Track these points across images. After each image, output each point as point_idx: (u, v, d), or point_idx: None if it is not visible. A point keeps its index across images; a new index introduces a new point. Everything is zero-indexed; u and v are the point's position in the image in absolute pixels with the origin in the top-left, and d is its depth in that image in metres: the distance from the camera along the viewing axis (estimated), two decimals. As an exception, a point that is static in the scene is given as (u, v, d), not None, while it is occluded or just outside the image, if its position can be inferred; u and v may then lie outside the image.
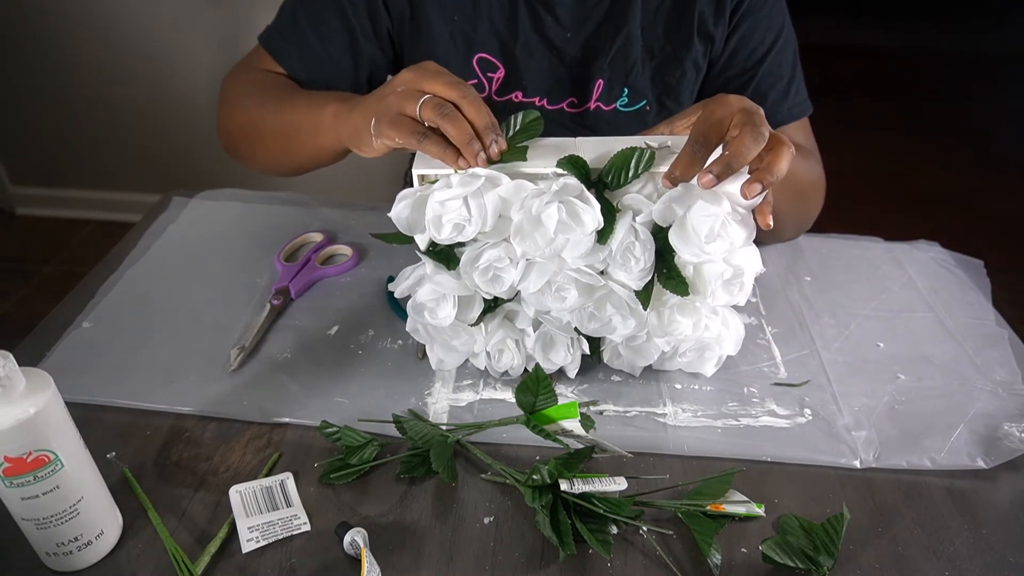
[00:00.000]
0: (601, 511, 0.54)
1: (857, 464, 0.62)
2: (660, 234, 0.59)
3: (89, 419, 0.62)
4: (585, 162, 0.58)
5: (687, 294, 0.60)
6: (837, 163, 1.05)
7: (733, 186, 0.58)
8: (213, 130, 0.90)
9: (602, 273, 0.61)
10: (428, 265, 0.61)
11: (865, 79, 3.41)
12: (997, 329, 0.78)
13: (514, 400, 0.60)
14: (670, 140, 0.61)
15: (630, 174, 0.58)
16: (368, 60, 0.85)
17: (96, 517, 0.52)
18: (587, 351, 0.67)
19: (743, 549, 0.56)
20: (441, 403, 0.67)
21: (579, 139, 0.62)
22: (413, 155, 0.62)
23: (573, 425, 0.59)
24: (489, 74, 0.85)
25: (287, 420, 0.65)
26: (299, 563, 0.54)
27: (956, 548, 0.56)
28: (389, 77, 0.61)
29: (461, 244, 0.60)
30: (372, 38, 0.84)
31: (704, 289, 0.61)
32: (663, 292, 0.62)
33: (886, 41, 3.75)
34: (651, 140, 0.61)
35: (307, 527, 0.56)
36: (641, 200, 0.59)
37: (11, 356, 0.46)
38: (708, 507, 0.56)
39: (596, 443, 0.60)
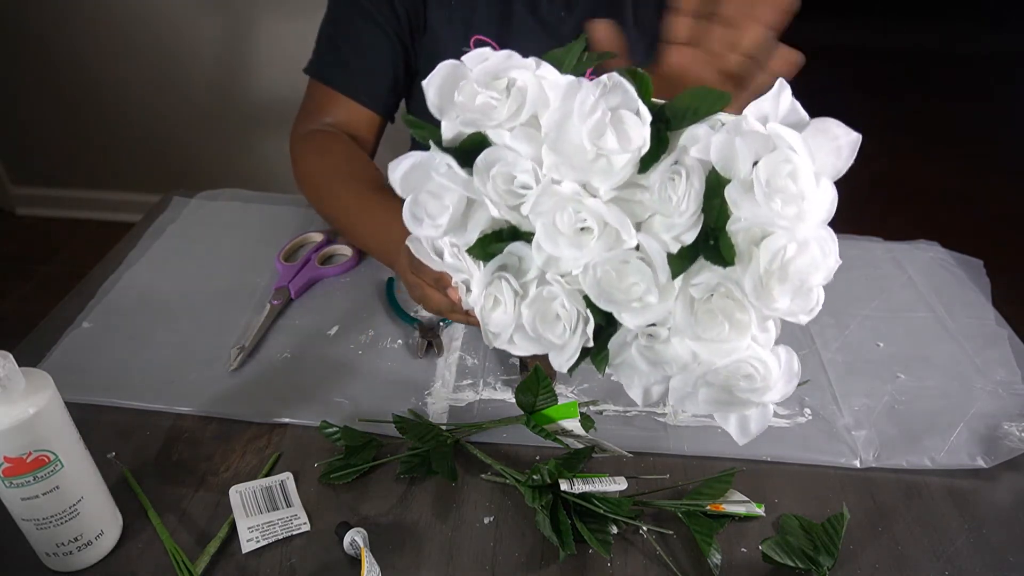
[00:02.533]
0: (601, 511, 0.54)
1: (857, 464, 0.62)
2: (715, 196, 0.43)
3: (89, 419, 0.62)
4: (649, 80, 0.45)
5: (732, 262, 0.42)
6: (837, 163, 1.05)
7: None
8: (213, 130, 0.90)
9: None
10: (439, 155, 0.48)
11: (865, 79, 3.41)
12: (997, 329, 0.78)
13: (514, 400, 0.60)
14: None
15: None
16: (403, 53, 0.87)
17: (96, 517, 0.52)
18: (590, 336, 0.47)
19: (743, 549, 0.56)
20: (441, 403, 0.67)
21: None
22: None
23: (573, 425, 0.59)
24: None
25: (287, 420, 0.65)
26: (299, 563, 0.54)
27: (956, 548, 0.56)
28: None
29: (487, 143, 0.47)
30: (399, 31, 0.86)
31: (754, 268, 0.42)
32: (701, 275, 0.44)
33: (885, 42, 3.75)
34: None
35: (307, 527, 0.56)
36: (698, 133, 0.44)
37: (11, 356, 0.46)
38: (708, 507, 0.56)
39: (596, 443, 0.60)
